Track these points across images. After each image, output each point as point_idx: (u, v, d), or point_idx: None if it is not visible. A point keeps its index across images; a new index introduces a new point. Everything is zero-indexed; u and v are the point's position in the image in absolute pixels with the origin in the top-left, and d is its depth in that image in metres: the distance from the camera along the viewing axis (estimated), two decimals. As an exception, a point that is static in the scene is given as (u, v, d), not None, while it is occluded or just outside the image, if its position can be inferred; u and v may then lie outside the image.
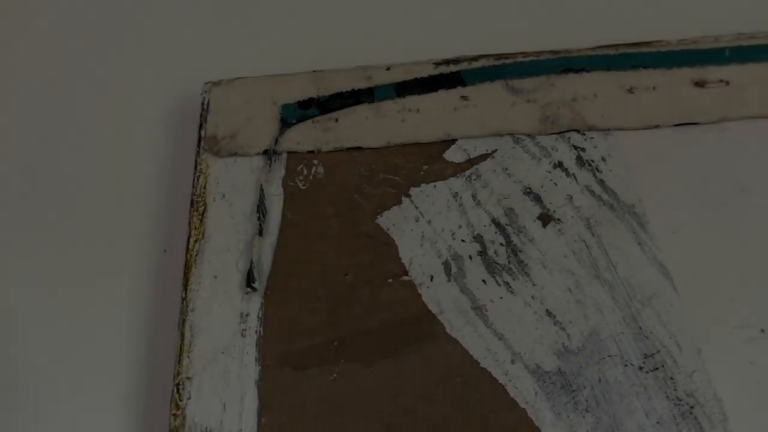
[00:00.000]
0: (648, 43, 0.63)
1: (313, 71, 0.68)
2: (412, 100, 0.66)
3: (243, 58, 0.74)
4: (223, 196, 0.66)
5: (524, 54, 0.65)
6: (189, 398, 0.60)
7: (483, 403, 0.58)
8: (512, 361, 0.58)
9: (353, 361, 0.60)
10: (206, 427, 0.59)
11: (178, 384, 0.60)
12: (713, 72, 0.62)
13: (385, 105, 0.66)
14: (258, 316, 0.62)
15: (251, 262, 0.62)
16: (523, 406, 0.57)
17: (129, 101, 0.76)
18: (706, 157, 0.61)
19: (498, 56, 0.65)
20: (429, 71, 0.66)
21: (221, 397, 0.60)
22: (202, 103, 0.69)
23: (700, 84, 0.62)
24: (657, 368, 0.57)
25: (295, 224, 0.64)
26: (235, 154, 0.67)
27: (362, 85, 0.67)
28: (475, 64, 0.66)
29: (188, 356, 0.61)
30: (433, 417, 0.58)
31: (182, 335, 0.62)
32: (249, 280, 0.62)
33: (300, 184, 0.65)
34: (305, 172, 0.66)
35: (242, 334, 0.61)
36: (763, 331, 0.57)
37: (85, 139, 0.75)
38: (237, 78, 0.70)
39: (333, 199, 0.65)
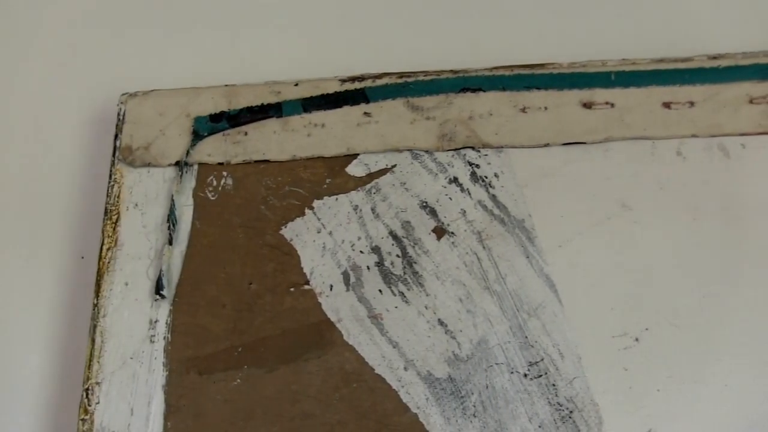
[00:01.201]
0: (541, 65, 0.64)
1: (226, 85, 0.68)
2: (318, 116, 0.66)
3: (160, 70, 0.73)
4: (136, 205, 0.66)
5: (426, 73, 0.66)
6: (98, 403, 0.60)
7: (377, 408, 0.59)
8: (405, 368, 0.59)
9: (255, 366, 0.60)
10: None
11: (87, 389, 0.60)
12: (600, 95, 0.63)
13: (292, 120, 0.66)
14: (166, 323, 0.62)
15: (161, 270, 0.62)
16: (414, 411, 0.58)
17: (47, 110, 0.75)
18: (591, 175, 0.62)
19: (401, 75, 0.66)
20: (335, 88, 0.66)
21: (129, 402, 0.60)
22: (118, 114, 0.68)
23: (587, 105, 0.63)
24: (540, 375, 0.58)
25: (204, 234, 0.64)
26: (148, 165, 0.67)
27: (271, 99, 0.67)
28: (379, 82, 0.66)
29: (98, 361, 0.61)
30: (330, 421, 0.58)
31: (93, 341, 0.61)
32: (158, 287, 0.62)
33: (210, 195, 0.65)
34: (215, 183, 0.66)
35: (151, 340, 0.61)
36: (637, 340, 0.58)
37: (3, 146, 0.74)
38: (153, 90, 0.69)
39: (240, 210, 0.65)
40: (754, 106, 0.62)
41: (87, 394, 0.60)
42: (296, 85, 0.67)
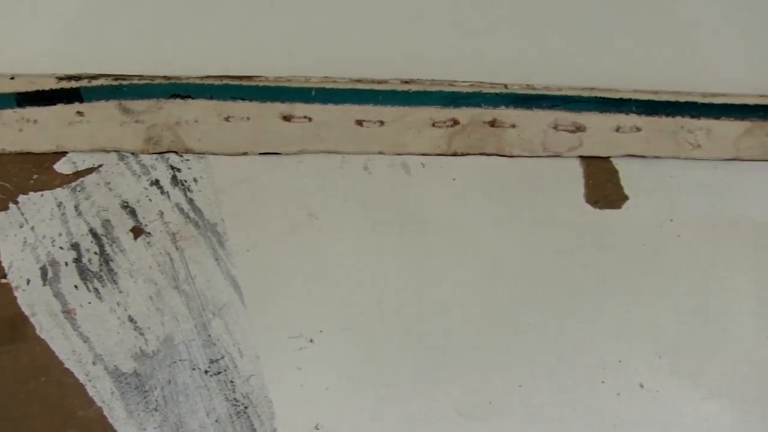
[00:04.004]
0: (249, 77, 0.62)
1: (-62, 75, 0.62)
2: (32, 111, 0.62)
3: None
4: None
5: (141, 77, 0.62)
6: None
7: (64, 402, 0.56)
8: (94, 363, 0.57)
9: (-55, 360, 0.56)
10: None
11: None
12: (300, 109, 0.62)
13: (5, 113, 0.62)
14: None
15: None
16: (99, 404, 0.56)
17: None
18: (283, 185, 0.61)
19: (116, 77, 0.62)
20: (51, 85, 0.62)
21: None
22: None
23: (287, 118, 0.62)
24: (220, 372, 0.57)
25: None
26: None
27: (-15, 92, 0.62)
28: (95, 83, 0.62)
29: None
30: (15, 416, 0.56)
31: None
32: None
33: None
34: None
35: None
36: (311, 341, 0.58)
37: None
38: None
39: (-58, 202, 0.60)
40: (435, 129, 0.63)
41: None
42: (12, 78, 0.62)
